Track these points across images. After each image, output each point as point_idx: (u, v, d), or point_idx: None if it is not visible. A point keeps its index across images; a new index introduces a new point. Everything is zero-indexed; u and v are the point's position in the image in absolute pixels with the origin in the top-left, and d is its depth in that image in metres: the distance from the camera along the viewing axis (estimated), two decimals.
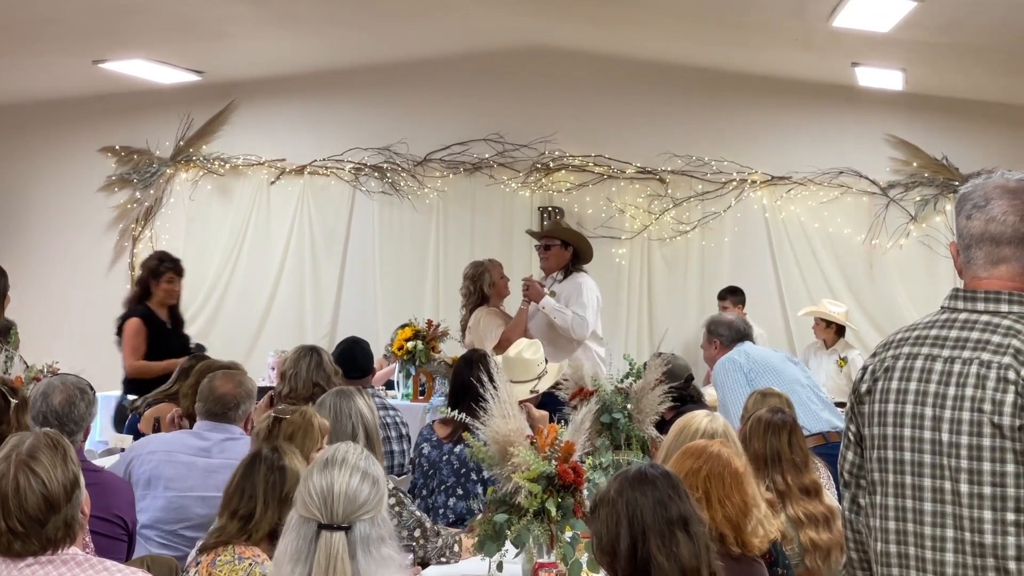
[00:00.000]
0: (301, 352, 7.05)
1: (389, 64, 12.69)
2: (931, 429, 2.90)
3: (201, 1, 9.77)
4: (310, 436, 4.83)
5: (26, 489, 3.42)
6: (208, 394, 5.76)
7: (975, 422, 2.82)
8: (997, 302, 2.94)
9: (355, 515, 3.20)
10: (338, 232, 13.10)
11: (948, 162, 11.92)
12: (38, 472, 3.44)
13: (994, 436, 2.78)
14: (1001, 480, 2.77)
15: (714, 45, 11.20)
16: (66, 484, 3.49)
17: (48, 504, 3.44)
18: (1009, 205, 2.98)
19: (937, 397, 2.90)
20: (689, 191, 12.43)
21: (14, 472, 3.44)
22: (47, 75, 12.17)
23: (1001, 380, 2.79)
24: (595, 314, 9.36)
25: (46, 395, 5.25)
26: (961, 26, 8.97)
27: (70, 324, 12.94)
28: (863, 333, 11.87)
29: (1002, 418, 2.77)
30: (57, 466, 3.49)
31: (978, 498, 2.80)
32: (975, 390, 2.83)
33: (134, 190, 13.35)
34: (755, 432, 5.13)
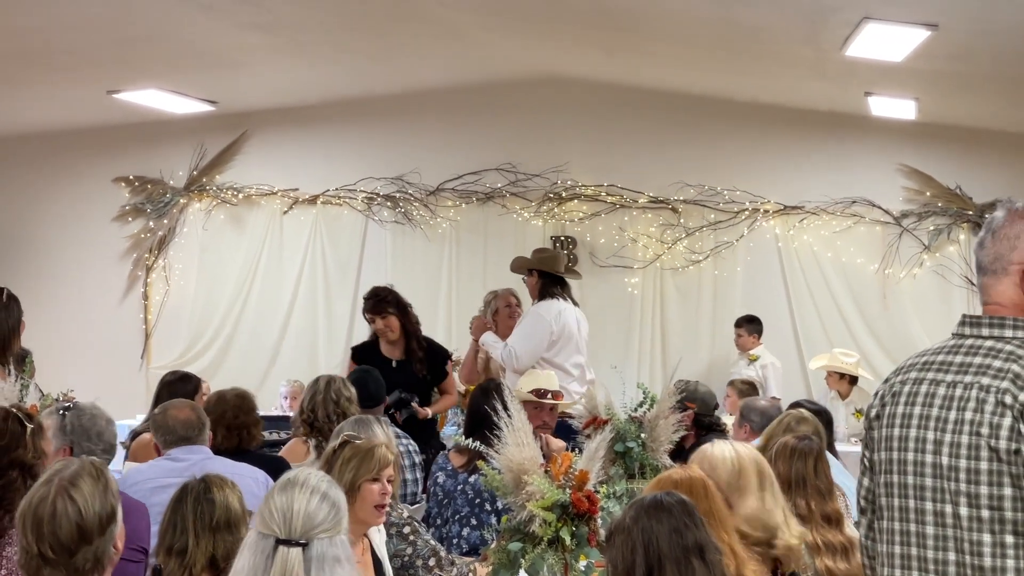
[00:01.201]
0: (314, 382, 7.12)
1: (401, 94, 12.72)
2: (932, 453, 2.93)
3: (214, 32, 9.81)
4: (366, 463, 4.81)
5: (62, 516, 3.41)
6: (173, 422, 5.75)
7: (973, 445, 2.84)
8: (1002, 327, 2.96)
9: (313, 532, 3.23)
10: (351, 261, 13.11)
11: (961, 191, 11.91)
12: (76, 500, 3.43)
13: (991, 460, 2.80)
14: (999, 503, 2.78)
15: (727, 74, 11.22)
16: (102, 516, 3.48)
17: (81, 534, 3.43)
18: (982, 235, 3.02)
19: (939, 421, 2.93)
20: (702, 220, 12.42)
21: (53, 496, 3.43)
22: (62, 105, 12.22)
23: (999, 404, 2.81)
24: (535, 341, 9.06)
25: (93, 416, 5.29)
26: (974, 56, 8.98)
27: (84, 353, 12.97)
28: (876, 363, 11.83)
29: (999, 442, 2.79)
30: (96, 497, 3.48)
31: (977, 521, 2.82)
32: (974, 414, 2.85)
33: (147, 220, 13.38)
34: (781, 455, 5.09)
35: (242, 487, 5.11)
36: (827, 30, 8.65)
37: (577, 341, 9.18)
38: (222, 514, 4.06)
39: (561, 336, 9.09)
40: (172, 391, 7.14)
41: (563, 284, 9.33)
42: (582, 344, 9.24)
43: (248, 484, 5.50)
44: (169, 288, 13.36)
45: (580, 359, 9.19)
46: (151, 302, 13.40)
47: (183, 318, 13.30)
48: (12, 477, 4.43)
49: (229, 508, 4.13)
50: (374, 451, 4.87)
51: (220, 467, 5.51)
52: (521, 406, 5.00)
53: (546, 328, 9.09)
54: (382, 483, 4.81)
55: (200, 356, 13.11)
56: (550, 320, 9.10)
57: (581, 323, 9.29)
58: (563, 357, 9.10)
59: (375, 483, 4.78)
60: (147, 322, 13.39)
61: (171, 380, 7.40)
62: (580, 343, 9.22)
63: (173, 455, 5.74)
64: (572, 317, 9.19)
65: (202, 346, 13.19)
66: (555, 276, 9.29)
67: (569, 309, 9.21)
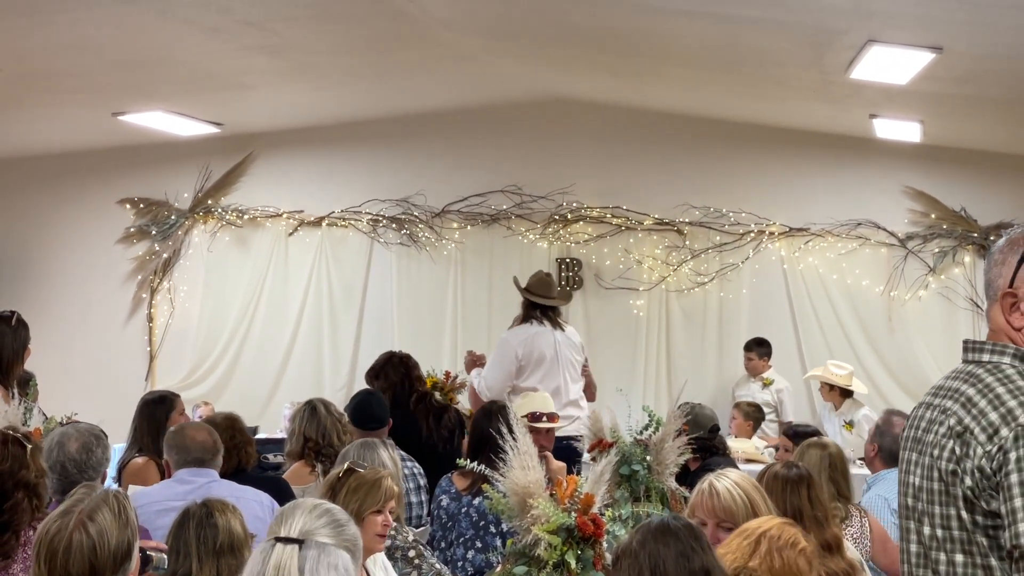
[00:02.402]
0: (311, 408, 7.14)
1: (407, 116, 12.75)
2: (912, 474, 3.02)
3: (220, 54, 9.82)
4: (372, 495, 4.81)
5: (76, 551, 3.40)
6: (189, 442, 5.78)
7: (929, 466, 2.92)
8: (981, 352, 3.01)
9: (310, 534, 3.22)
10: (356, 284, 13.11)
11: (967, 214, 11.91)
12: (92, 535, 3.42)
13: (940, 481, 2.86)
14: (948, 523, 2.85)
15: (732, 97, 11.23)
16: (117, 554, 3.46)
17: (93, 571, 3.42)
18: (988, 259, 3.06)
19: (918, 443, 3.02)
20: (707, 242, 12.42)
21: (71, 529, 3.41)
22: (67, 127, 12.24)
23: (948, 427, 2.87)
24: (502, 369, 9.17)
25: (62, 444, 5.26)
26: (979, 78, 8.98)
27: (88, 375, 12.97)
28: (882, 385, 11.83)
29: (942, 463, 2.86)
30: (114, 532, 3.46)
31: (936, 540, 2.89)
32: (934, 436, 2.93)
33: (152, 242, 13.39)
34: (772, 490, 5.07)
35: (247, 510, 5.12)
36: (832, 53, 8.65)
37: (552, 364, 9.17)
38: (225, 538, 4.06)
39: (531, 361, 9.14)
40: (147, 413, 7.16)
41: (546, 308, 9.33)
42: (562, 367, 9.21)
43: (252, 508, 5.51)
44: (174, 310, 13.36)
45: (556, 383, 9.12)
46: (156, 324, 13.40)
47: (188, 340, 13.30)
48: (18, 499, 4.45)
49: (232, 532, 4.13)
50: (380, 483, 4.87)
51: (226, 490, 5.51)
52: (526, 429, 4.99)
53: (510, 354, 9.17)
54: (385, 515, 4.82)
55: (205, 378, 13.11)
56: (515, 346, 9.18)
57: (563, 347, 9.26)
58: (534, 381, 9.10)
59: (379, 514, 4.78)
60: (152, 344, 13.38)
61: (148, 401, 7.40)
62: (559, 367, 9.20)
63: (180, 476, 5.74)
64: (548, 341, 9.20)
65: (207, 368, 13.19)
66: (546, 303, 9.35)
67: (545, 333, 9.22)
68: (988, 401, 2.81)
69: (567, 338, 9.33)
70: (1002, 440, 2.72)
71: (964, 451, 2.79)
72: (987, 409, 2.79)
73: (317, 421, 7.03)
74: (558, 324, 9.37)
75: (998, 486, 2.71)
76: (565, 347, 9.26)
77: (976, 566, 2.78)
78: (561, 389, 9.09)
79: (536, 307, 9.31)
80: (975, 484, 2.75)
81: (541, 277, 9.52)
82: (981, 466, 2.74)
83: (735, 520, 4.25)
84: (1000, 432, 2.73)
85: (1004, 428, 2.73)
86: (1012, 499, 2.66)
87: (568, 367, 9.24)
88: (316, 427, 7.01)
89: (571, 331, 9.53)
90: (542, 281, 9.47)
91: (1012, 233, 3.05)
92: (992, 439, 2.74)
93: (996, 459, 2.72)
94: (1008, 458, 2.69)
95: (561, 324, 9.42)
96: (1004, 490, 2.69)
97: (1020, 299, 2.94)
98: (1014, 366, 2.90)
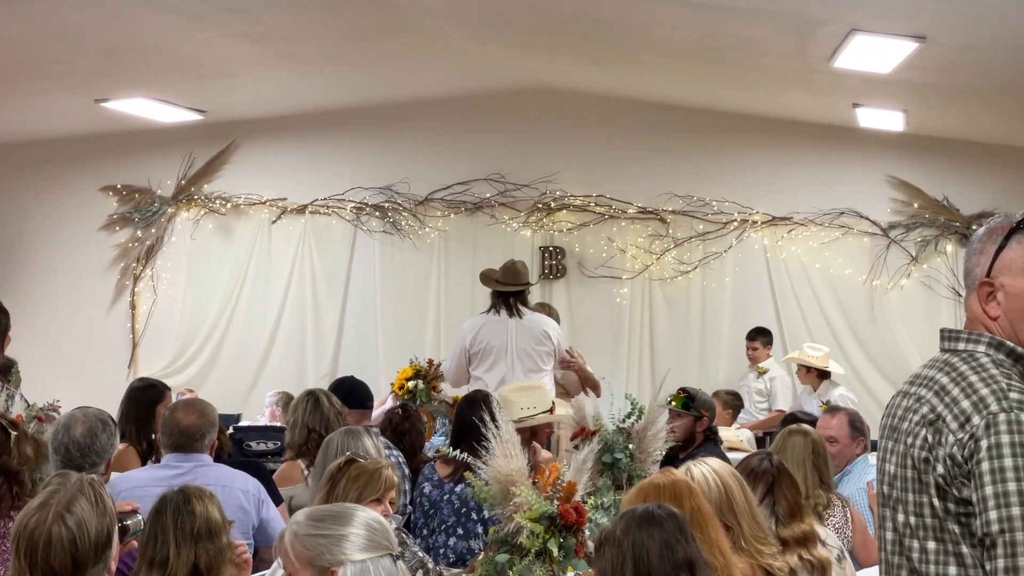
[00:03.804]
0: (298, 399, 7.12)
1: (391, 104, 12.74)
2: (888, 462, 3.03)
3: (203, 41, 9.80)
4: (372, 484, 4.81)
5: (57, 544, 3.37)
6: (173, 427, 5.73)
7: (903, 454, 2.93)
8: (956, 340, 3.02)
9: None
10: (339, 271, 13.11)
11: (949, 203, 11.94)
12: (71, 528, 3.39)
13: (915, 468, 2.87)
14: (920, 510, 2.86)
15: (716, 86, 11.24)
16: (97, 543, 3.44)
17: (75, 564, 3.40)
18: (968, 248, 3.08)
19: (895, 431, 3.02)
20: (690, 231, 12.44)
21: (50, 523, 3.39)
22: (49, 114, 12.20)
23: (922, 416, 2.88)
24: (455, 358, 9.28)
25: (68, 427, 5.24)
26: (962, 68, 9.00)
27: (71, 362, 12.94)
28: (864, 374, 11.87)
29: (915, 450, 2.87)
30: (92, 521, 3.44)
31: (909, 527, 2.90)
32: (908, 424, 2.93)
33: (135, 229, 13.36)
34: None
35: (231, 498, 5.12)
36: (815, 42, 8.67)
37: (500, 353, 9.10)
38: (203, 524, 4.05)
39: (480, 349, 9.12)
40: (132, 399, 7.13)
41: (507, 296, 9.23)
42: (511, 357, 9.09)
43: (237, 496, 5.49)
44: (157, 297, 13.34)
45: (502, 372, 9.04)
46: (139, 311, 13.37)
47: (171, 328, 13.28)
48: None
49: (209, 518, 4.12)
50: (381, 472, 4.87)
51: (213, 476, 5.49)
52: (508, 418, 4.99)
53: (461, 343, 9.24)
54: (384, 505, 4.82)
55: (188, 365, 13.09)
56: (466, 334, 9.23)
57: (518, 335, 9.13)
58: (481, 371, 9.13)
59: (378, 504, 4.78)
60: (134, 331, 13.36)
61: (136, 387, 7.37)
62: (508, 356, 9.10)
63: (166, 462, 5.72)
64: (500, 330, 9.13)
65: (190, 355, 13.17)
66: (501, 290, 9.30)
67: (498, 322, 9.16)
68: (961, 389, 2.82)
69: (525, 327, 9.16)
70: (973, 428, 2.73)
71: (936, 439, 2.80)
72: (959, 397, 2.81)
73: (320, 413, 6.99)
74: (516, 312, 9.20)
75: (969, 474, 2.72)
76: (520, 336, 9.12)
77: (948, 553, 2.79)
78: (507, 379, 8.91)
79: (498, 295, 9.27)
80: (947, 472, 2.76)
81: (507, 265, 9.44)
82: (952, 454, 2.75)
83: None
84: (972, 420, 2.74)
85: (976, 416, 2.74)
86: (983, 487, 2.68)
87: (521, 356, 9.08)
88: (320, 419, 6.97)
89: (538, 320, 9.29)
90: (507, 269, 9.39)
91: (991, 222, 3.05)
92: (964, 427, 2.75)
93: (968, 447, 2.73)
94: (979, 446, 2.70)
95: (520, 312, 9.21)
96: (976, 478, 2.70)
97: (996, 289, 2.95)
98: (988, 354, 2.91)
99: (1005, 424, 2.71)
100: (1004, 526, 2.64)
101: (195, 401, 6.23)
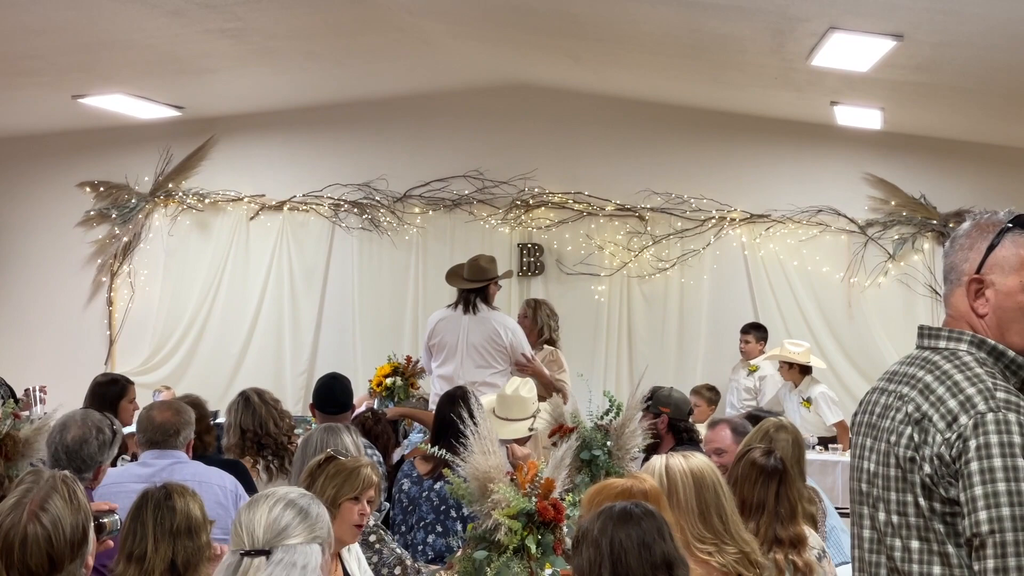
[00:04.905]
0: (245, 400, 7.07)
1: (369, 101, 12.72)
2: (867, 459, 3.02)
3: (182, 37, 9.77)
4: (350, 482, 4.79)
5: (32, 544, 3.35)
6: (147, 424, 5.75)
7: (885, 453, 2.92)
8: (937, 338, 3.02)
9: (277, 539, 3.26)
10: (317, 268, 13.08)
11: (926, 201, 11.97)
12: (47, 526, 3.37)
13: (896, 467, 2.87)
14: (904, 509, 2.86)
15: (694, 83, 11.25)
16: (73, 541, 3.43)
17: (51, 562, 3.39)
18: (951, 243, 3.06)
19: (873, 428, 3.02)
20: (668, 228, 12.45)
21: (24, 522, 3.37)
22: (26, 110, 12.15)
23: (906, 414, 2.88)
24: (423, 354, 9.40)
25: (63, 429, 5.22)
26: (939, 67, 9.03)
27: (47, 359, 12.89)
28: (841, 371, 11.90)
29: (899, 449, 2.86)
30: (67, 519, 3.42)
31: (891, 526, 2.89)
32: (890, 422, 2.93)
33: (112, 225, 13.32)
34: (746, 476, 5.07)
35: (208, 495, 5.10)
36: (793, 40, 8.68)
37: (452, 349, 9.09)
38: (182, 520, 4.04)
39: (437, 344, 9.15)
40: (96, 394, 7.12)
41: (467, 292, 9.19)
42: (462, 352, 9.05)
43: (215, 492, 5.48)
44: (134, 294, 13.30)
45: (451, 367, 9.04)
46: (116, 308, 13.33)
47: (148, 324, 13.24)
48: None
49: (190, 515, 4.11)
50: (359, 471, 4.86)
51: (190, 472, 5.49)
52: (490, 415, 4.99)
53: (425, 340, 9.32)
54: (362, 503, 4.80)
55: (165, 362, 13.05)
56: (428, 330, 9.30)
57: (469, 331, 9.08)
58: (435, 364, 9.18)
59: (355, 503, 4.77)
60: (112, 328, 13.32)
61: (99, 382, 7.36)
62: (459, 352, 9.07)
63: (143, 459, 5.71)
64: (453, 326, 9.12)
65: (167, 352, 13.13)
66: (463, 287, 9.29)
67: (453, 318, 9.15)
68: (946, 388, 2.82)
69: (478, 323, 9.07)
70: (961, 428, 2.73)
71: (923, 438, 2.80)
72: (945, 396, 2.80)
73: (252, 411, 6.96)
74: (473, 308, 9.13)
75: (957, 474, 2.72)
76: (473, 332, 9.06)
77: (932, 552, 2.79)
78: (456, 374, 8.91)
79: (464, 292, 9.25)
80: (934, 471, 2.76)
81: (471, 261, 9.37)
82: (940, 453, 2.75)
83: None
84: (959, 420, 2.74)
85: (963, 416, 2.74)
86: (972, 487, 2.67)
87: (471, 353, 9.01)
88: (252, 418, 6.95)
89: (492, 317, 9.17)
90: (471, 265, 9.31)
91: (978, 218, 3.04)
92: (951, 427, 2.75)
93: (955, 447, 2.73)
94: (968, 446, 2.70)
95: (476, 308, 9.12)
96: (964, 478, 2.70)
97: (986, 286, 2.94)
98: (971, 353, 2.91)
99: (993, 424, 2.71)
100: (994, 526, 2.64)
101: (172, 401, 6.23)
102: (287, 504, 3.34)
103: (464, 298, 9.17)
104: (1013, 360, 2.92)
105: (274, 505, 3.32)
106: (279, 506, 3.32)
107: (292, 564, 3.24)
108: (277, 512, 3.30)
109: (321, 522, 3.40)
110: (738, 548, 4.21)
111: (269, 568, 3.20)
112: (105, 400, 7.04)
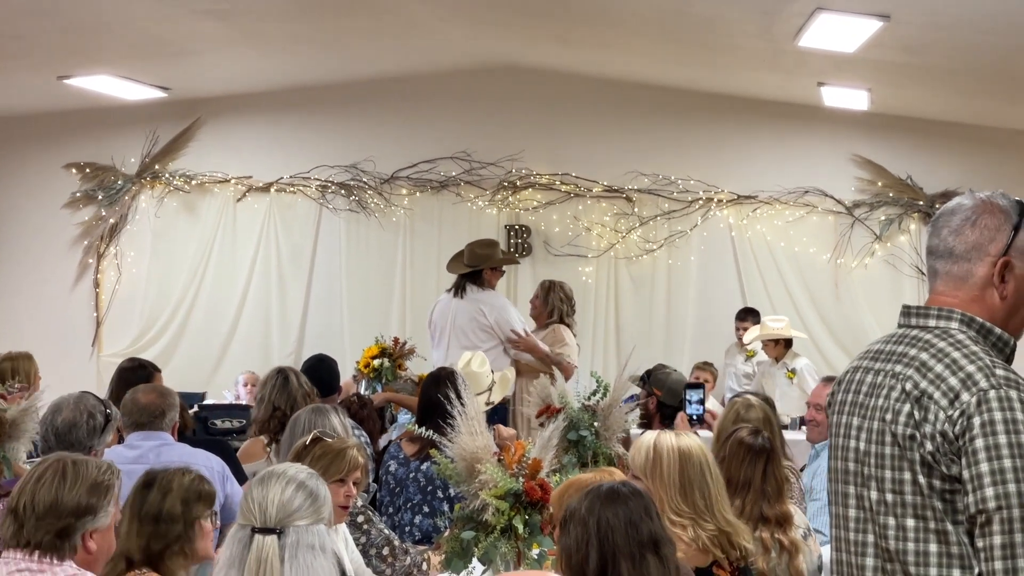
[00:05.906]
0: (267, 376, 7.08)
1: (356, 82, 12.69)
2: (855, 438, 3.01)
3: (169, 18, 9.74)
4: (336, 464, 4.80)
5: (46, 485, 3.60)
6: (132, 406, 5.76)
7: (880, 431, 2.91)
8: (927, 317, 3.01)
9: (288, 520, 3.35)
10: (304, 250, 13.07)
11: (912, 182, 12.00)
12: (67, 479, 3.62)
13: (893, 445, 2.86)
14: (900, 487, 2.85)
15: (681, 65, 11.25)
16: (80, 503, 3.63)
17: (53, 506, 3.58)
18: (946, 221, 3.03)
19: (861, 407, 3.01)
20: (656, 210, 12.46)
21: (53, 469, 3.64)
22: (11, 91, 12.10)
23: (903, 392, 2.87)
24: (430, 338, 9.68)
25: (55, 411, 5.24)
26: (926, 48, 9.04)
27: (34, 340, 12.82)
28: (828, 351, 11.92)
29: (897, 427, 2.85)
30: (84, 485, 3.65)
31: (884, 504, 2.88)
32: (884, 400, 2.92)
33: (99, 207, 13.28)
34: (734, 454, 5.09)
35: None
36: (780, 21, 8.68)
37: (442, 332, 9.38)
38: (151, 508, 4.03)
39: (433, 330, 9.49)
40: (123, 379, 7.09)
41: (464, 276, 9.41)
42: (449, 335, 9.32)
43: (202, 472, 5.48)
44: (121, 276, 13.27)
45: (441, 350, 9.33)
46: (103, 290, 13.31)
47: (135, 306, 13.21)
48: None
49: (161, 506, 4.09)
50: (345, 452, 4.87)
51: (177, 454, 5.49)
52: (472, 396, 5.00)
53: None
54: (348, 485, 4.82)
55: (152, 344, 13.02)
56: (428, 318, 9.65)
57: (456, 314, 9.30)
58: (432, 347, 9.50)
59: (341, 485, 4.78)
60: (98, 310, 13.29)
61: (125, 367, 7.34)
62: (446, 334, 9.33)
63: (130, 441, 5.72)
64: (443, 309, 9.42)
65: (154, 334, 13.11)
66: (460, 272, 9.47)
67: (444, 302, 9.48)
68: (945, 366, 2.82)
69: (464, 305, 9.30)
70: (964, 405, 2.73)
71: (923, 415, 2.80)
72: (945, 374, 2.81)
73: (288, 392, 6.95)
74: (461, 291, 9.36)
75: (960, 451, 2.73)
76: (459, 314, 9.29)
77: (929, 531, 2.79)
78: (445, 356, 9.18)
79: (463, 277, 9.43)
80: (936, 448, 2.76)
81: (471, 246, 9.53)
82: (944, 430, 2.75)
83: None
84: (961, 397, 2.75)
85: (965, 393, 2.75)
86: (978, 464, 2.68)
87: (457, 334, 9.25)
88: (286, 398, 6.93)
89: (479, 297, 9.35)
90: (470, 252, 9.47)
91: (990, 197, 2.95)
92: (953, 404, 2.75)
93: (959, 423, 2.73)
94: (972, 423, 2.71)
95: (465, 291, 9.35)
96: (968, 455, 2.71)
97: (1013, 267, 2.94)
98: (962, 331, 2.92)
99: (996, 401, 2.72)
100: (1001, 502, 2.65)
101: (156, 384, 6.25)
102: (298, 486, 3.43)
103: (456, 283, 9.41)
104: (1000, 337, 2.93)
105: (286, 486, 3.41)
106: (291, 487, 3.41)
107: (311, 546, 3.35)
108: (289, 493, 3.39)
109: (327, 503, 3.50)
110: (717, 527, 4.22)
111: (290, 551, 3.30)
112: (130, 386, 7.02)
